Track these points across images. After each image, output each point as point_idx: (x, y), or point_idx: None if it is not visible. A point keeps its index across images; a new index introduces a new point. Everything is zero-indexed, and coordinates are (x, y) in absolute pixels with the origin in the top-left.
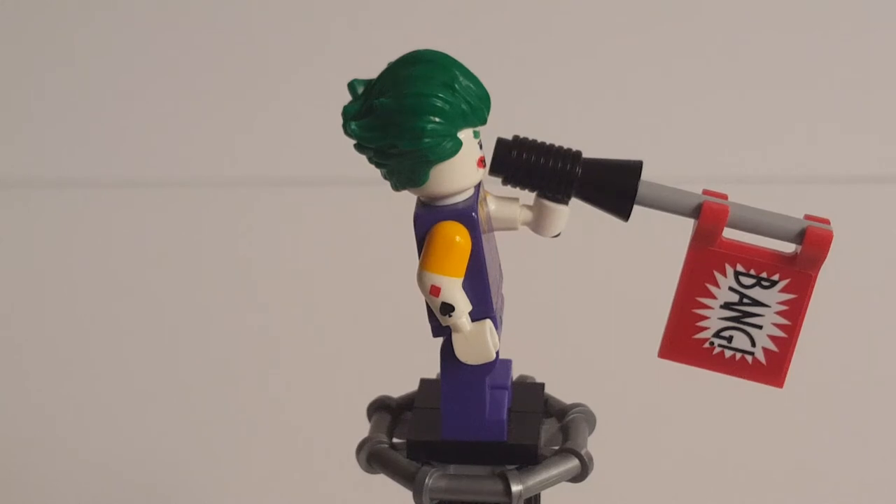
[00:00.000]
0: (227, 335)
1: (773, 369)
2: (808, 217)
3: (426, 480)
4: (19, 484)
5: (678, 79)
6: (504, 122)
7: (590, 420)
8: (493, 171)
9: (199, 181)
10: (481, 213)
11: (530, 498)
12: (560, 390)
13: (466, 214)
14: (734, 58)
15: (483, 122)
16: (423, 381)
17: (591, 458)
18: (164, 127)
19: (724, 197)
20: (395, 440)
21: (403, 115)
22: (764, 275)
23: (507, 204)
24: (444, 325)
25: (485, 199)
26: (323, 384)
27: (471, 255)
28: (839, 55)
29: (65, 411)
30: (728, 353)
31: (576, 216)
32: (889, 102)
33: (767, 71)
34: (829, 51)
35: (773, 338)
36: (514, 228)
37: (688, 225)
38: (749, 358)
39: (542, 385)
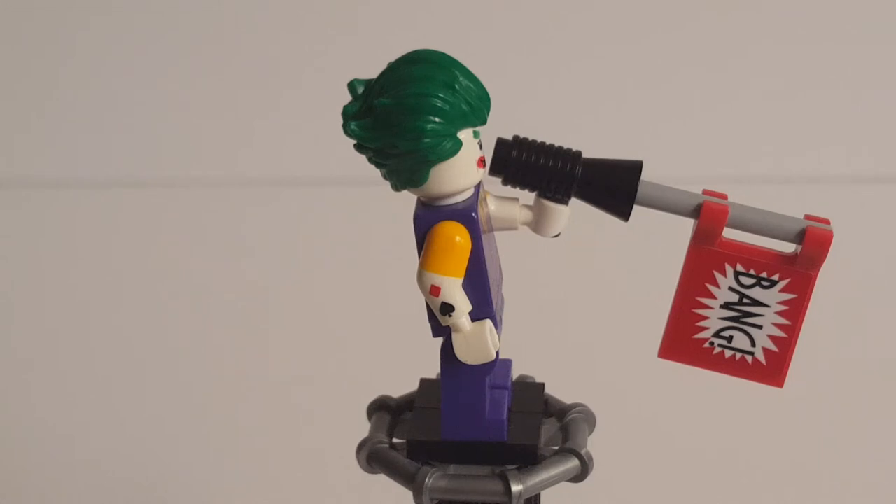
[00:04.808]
0: (227, 335)
1: (773, 369)
2: (808, 217)
3: (426, 480)
4: (19, 484)
5: (678, 79)
6: (504, 122)
7: (590, 420)
8: (493, 171)
9: (199, 181)
10: (481, 213)
11: (530, 498)
12: (560, 390)
13: (466, 214)
14: (734, 58)
15: (483, 122)
16: (423, 381)
17: (591, 458)
18: (165, 127)
19: (724, 197)
20: (395, 440)
21: (403, 115)
22: (764, 275)
23: (507, 204)
24: (444, 325)
25: (485, 199)
26: (323, 384)
27: (471, 255)
28: (839, 55)
29: (65, 411)
30: (728, 353)
31: (576, 216)
32: (889, 103)
33: (767, 71)
34: (829, 51)
35: (773, 338)
36: (514, 228)
37: (688, 225)
38: (749, 358)
39: (542, 385)
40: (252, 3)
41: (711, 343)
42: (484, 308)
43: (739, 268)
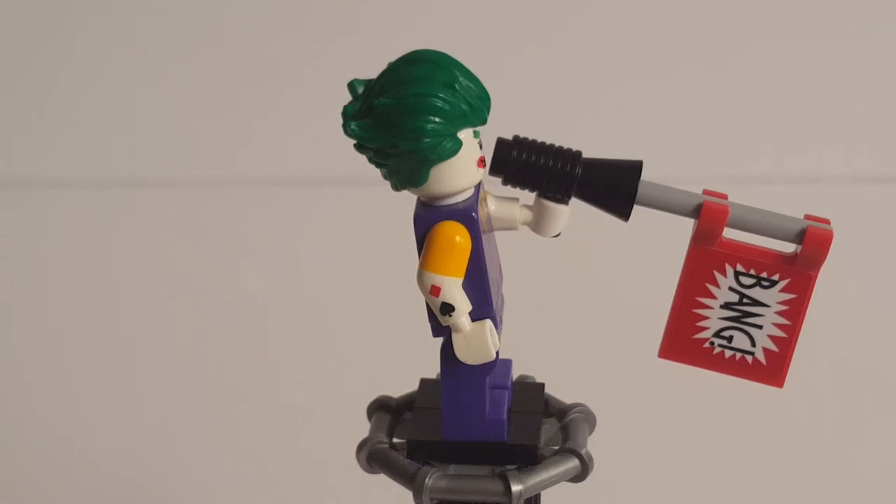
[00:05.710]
0: (227, 336)
1: (773, 369)
2: (808, 217)
3: (426, 480)
4: (19, 484)
5: (678, 79)
6: (504, 122)
7: (590, 420)
8: (493, 171)
9: (199, 181)
10: (481, 213)
11: (530, 498)
12: (560, 390)
13: (466, 214)
14: (734, 58)
15: (483, 122)
16: (423, 381)
17: (591, 458)
18: (165, 127)
19: (724, 197)
20: (395, 440)
21: (403, 114)
22: (764, 275)
23: (507, 204)
24: (444, 324)
25: (485, 199)
26: (323, 384)
27: (471, 255)
28: (839, 55)
29: (65, 411)
30: (728, 353)
31: (576, 216)
32: (889, 103)
33: (767, 71)
34: (829, 51)
35: (773, 338)
36: (514, 228)
37: (688, 225)
38: (749, 358)
39: (542, 385)
40: (252, 3)
41: (711, 343)
42: (484, 308)
43: (739, 268)
